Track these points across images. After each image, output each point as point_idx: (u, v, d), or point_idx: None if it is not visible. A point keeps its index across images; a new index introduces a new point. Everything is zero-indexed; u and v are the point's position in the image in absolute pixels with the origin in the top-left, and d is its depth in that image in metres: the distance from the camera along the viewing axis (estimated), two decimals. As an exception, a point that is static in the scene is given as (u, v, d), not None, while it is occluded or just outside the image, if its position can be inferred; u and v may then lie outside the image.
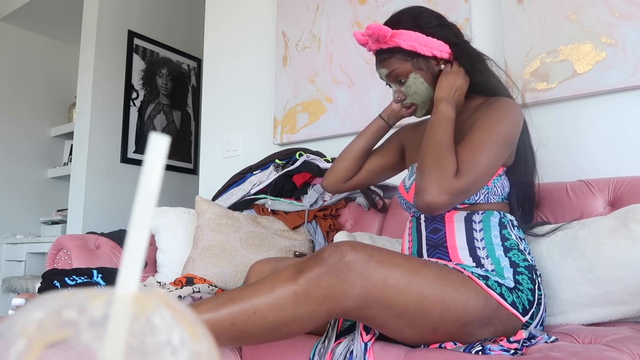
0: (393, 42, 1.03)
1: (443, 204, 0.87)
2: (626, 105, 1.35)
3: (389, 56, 1.06)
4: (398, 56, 1.05)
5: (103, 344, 0.18)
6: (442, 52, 1.05)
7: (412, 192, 1.06)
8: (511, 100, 1.02)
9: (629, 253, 0.95)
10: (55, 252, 1.63)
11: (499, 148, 0.93)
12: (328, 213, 1.68)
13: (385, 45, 1.04)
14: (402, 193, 1.11)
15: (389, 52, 1.06)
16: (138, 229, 0.21)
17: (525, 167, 1.08)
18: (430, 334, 0.84)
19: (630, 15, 1.32)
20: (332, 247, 0.80)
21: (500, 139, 0.93)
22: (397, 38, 1.03)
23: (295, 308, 0.78)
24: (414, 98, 1.09)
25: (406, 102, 1.10)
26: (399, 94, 1.10)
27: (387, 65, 1.07)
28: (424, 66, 1.06)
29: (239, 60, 2.33)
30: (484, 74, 1.08)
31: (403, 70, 1.06)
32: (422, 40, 1.03)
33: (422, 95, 1.08)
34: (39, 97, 3.55)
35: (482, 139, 0.92)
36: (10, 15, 3.35)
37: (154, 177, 0.21)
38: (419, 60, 1.05)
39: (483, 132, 0.93)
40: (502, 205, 1.03)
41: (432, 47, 1.03)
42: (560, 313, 1.02)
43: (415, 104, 1.11)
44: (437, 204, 0.87)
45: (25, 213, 3.39)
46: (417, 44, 1.02)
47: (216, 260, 1.50)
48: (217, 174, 2.27)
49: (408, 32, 1.03)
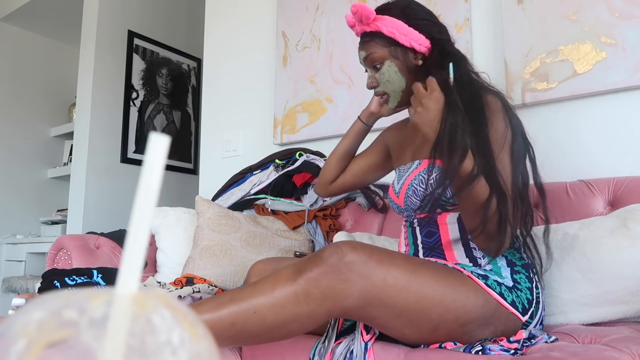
0: (375, 25, 1.04)
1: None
2: (626, 105, 1.35)
3: (369, 39, 1.07)
4: (377, 40, 1.06)
5: (103, 344, 0.18)
6: (421, 46, 1.04)
7: (402, 195, 1.06)
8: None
9: (629, 253, 0.95)
10: (55, 252, 1.63)
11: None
12: (328, 213, 1.68)
13: (368, 28, 1.06)
14: (392, 197, 1.11)
15: (370, 36, 1.07)
16: (138, 229, 0.21)
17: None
18: (430, 333, 0.84)
19: (630, 15, 1.32)
20: (332, 247, 0.80)
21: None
22: (380, 22, 1.03)
23: (295, 308, 0.78)
24: (386, 86, 1.09)
25: (378, 89, 1.10)
26: (372, 80, 1.10)
27: (365, 48, 1.08)
28: (400, 56, 1.05)
29: (239, 60, 2.33)
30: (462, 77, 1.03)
31: (379, 55, 1.06)
32: (403, 29, 1.03)
33: (394, 84, 1.08)
34: (39, 97, 3.55)
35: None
36: (10, 15, 3.35)
37: (154, 177, 0.21)
38: (397, 49, 1.05)
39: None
40: None
41: (411, 38, 1.03)
42: (560, 313, 1.02)
43: (387, 93, 1.10)
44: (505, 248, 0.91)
45: (25, 213, 3.39)
46: (397, 31, 1.02)
47: (216, 260, 1.50)
48: (217, 174, 2.26)
49: (391, 19, 1.03)
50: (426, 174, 0.99)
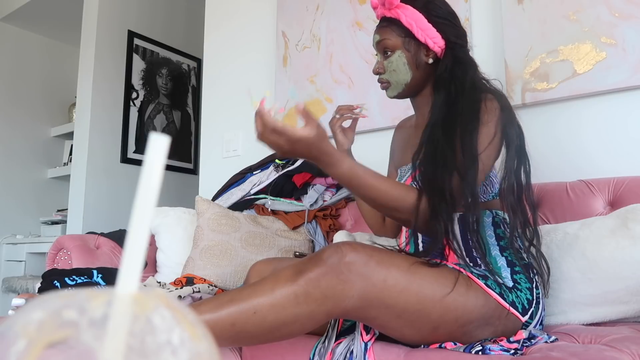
0: (396, 12, 1.04)
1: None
2: (626, 105, 1.34)
3: (387, 25, 1.07)
4: (394, 28, 1.05)
5: (103, 344, 0.18)
6: (435, 45, 1.03)
7: None
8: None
9: (629, 253, 0.95)
10: (55, 252, 1.63)
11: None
12: (328, 213, 1.68)
13: (389, 14, 1.05)
14: None
15: (388, 21, 1.06)
16: (138, 229, 0.21)
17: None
18: (430, 333, 0.84)
19: (630, 15, 1.32)
20: (332, 248, 0.80)
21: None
22: (401, 10, 1.03)
23: (295, 308, 0.78)
24: (391, 75, 1.08)
25: (382, 77, 1.10)
26: (380, 66, 1.09)
27: (381, 32, 1.08)
28: (413, 49, 1.05)
29: (239, 60, 2.33)
30: (462, 79, 1.02)
31: (393, 43, 1.06)
32: (422, 23, 1.02)
33: (399, 75, 1.07)
34: (39, 97, 3.54)
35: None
36: (10, 15, 3.35)
37: (154, 177, 0.21)
38: (411, 41, 1.05)
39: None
40: (494, 203, 1.02)
41: (427, 34, 1.03)
42: (560, 313, 1.02)
43: (390, 82, 1.10)
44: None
45: (25, 213, 3.39)
46: (415, 24, 1.02)
47: (216, 260, 1.50)
48: (217, 174, 2.26)
49: (412, 10, 1.03)
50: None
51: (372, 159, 1.82)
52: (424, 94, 1.11)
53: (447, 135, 0.94)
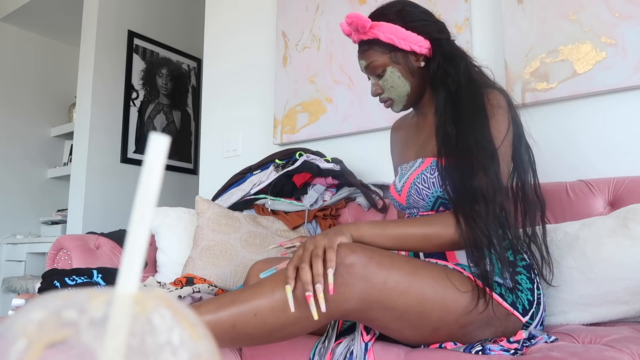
0: (372, 33, 1.02)
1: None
2: (626, 105, 1.34)
3: (368, 47, 1.05)
4: (376, 48, 1.04)
5: (103, 344, 0.18)
6: (421, 48, 1.03)
7: (404, 194, 1.05)
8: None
9: (629, 253, 0.95)
10: (55, 252, 1.63)
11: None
12: (328, 213, 1.68)
13: (365, 37, 1.04)
14: (394, 195, 1.10)
15: (368, 44, 1.05)
16: (138, 229, 0.21)
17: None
18: (430, 334, 0.84)
19: (630, 15, 1.32)
20: (332, 250, 0.80)
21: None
22: (376, 30, 1.02)
23: (296, 311, 0.78)
24: (390, 92, 1.08)
25: (383, 96, 1.09)
26: (377, 88, 1.09)
27: (365, 57, 1.06)
28: (401, 60, 1.04)
29: (239, 60, 2.33)
30: (457, 74, 1.02)
31: (380, 62, 1.04)
32: (401, 33, 1.01)
33: (398, 89, 1.07)
34: (38, 98, 3.54)
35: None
36: (10, 15, 3.35)
37: (154, 177, 0.21)
38: (397, 54, 1.03)
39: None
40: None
41: (410, 42, 1.02)
42: (560, 313, 1.02)
43: (391, 99, 1.09)
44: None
45: (25, 213, 3.39)
46: (395, 37, 1.01)
47: (216, 260, 1.50)
48: (217, 174, 2.26)
49: (387, 25, 1.01)
50: (428, 172, 0.99)
51: (372, 159, 1.82)
52: (425, 96, 1.11)
53: (460, 135, 0.93)
